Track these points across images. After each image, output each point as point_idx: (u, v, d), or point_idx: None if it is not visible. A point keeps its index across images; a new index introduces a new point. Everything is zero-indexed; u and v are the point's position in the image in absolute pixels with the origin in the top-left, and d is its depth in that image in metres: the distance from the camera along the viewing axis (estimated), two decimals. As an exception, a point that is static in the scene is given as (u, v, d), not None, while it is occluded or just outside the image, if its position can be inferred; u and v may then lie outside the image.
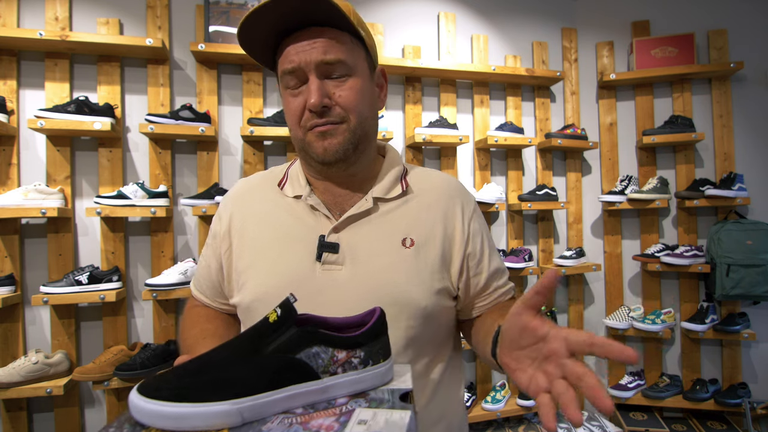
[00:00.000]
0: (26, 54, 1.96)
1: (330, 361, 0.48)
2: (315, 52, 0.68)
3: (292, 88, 0.71)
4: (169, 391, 0.42)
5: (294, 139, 0.75)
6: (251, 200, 0.82)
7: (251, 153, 2.19)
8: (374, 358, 0.51)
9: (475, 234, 0.80)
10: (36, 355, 1.80)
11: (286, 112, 0.75)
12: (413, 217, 0.77)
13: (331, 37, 0.69)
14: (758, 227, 2.30)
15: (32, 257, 1.95)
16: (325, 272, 0.72)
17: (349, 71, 0.70)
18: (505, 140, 2.34)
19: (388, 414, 0.44)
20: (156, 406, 0.41)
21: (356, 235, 0.74)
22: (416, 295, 0.72)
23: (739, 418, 2.38)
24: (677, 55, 2.51)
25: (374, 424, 0.41)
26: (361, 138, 0.73)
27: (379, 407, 0.46)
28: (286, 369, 0.46)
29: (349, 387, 0.49)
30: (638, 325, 2.40)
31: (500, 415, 2.28)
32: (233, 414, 0.42)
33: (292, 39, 0.69)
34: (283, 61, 0.70)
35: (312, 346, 0.47)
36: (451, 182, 0.84)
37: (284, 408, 0.45)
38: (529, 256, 2.39)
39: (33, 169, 1.96)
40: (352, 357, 0.49)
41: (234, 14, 2.15)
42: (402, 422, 0.42)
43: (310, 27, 0.69)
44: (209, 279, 0.85)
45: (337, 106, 0.70)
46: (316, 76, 0.68)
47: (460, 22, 2.51)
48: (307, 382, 0.46)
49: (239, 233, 0.79)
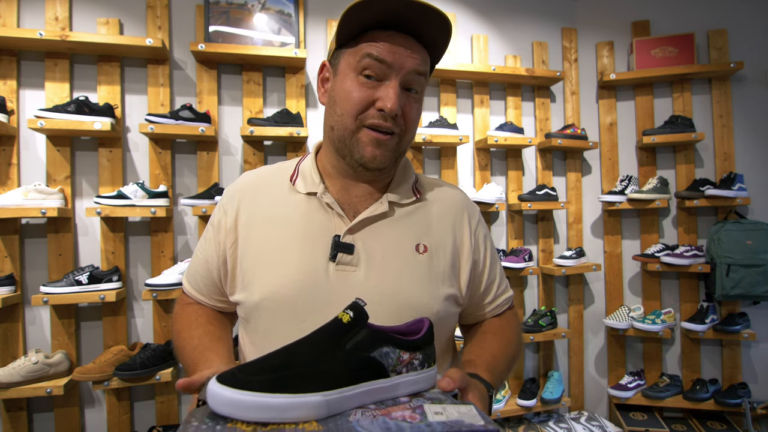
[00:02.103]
0: (26, 54, 1.96)
1: (397, 361, 0.52)
2: (411, 60, 0.69)
3: (365, 78, 0.69)
4: (260, 382, 0.42)
5: (338, 126, 0.72)
6: (260, 194, 0.79)
7: (251, 153, 2.19)
8: (428, 362, 0.56)
9: (479, 244, 0.83)
10: (36, 355, 1.80)
11: (344, 96, 0.71)
12: (426, 225, 0.78)
13: (423, 55, 0.72)
14: (758, 227, 2.30)
15: (32, 257, 1.95)
16: (339, 273, 0.71)
17: (422, 90, 0.74)
18: (505, 140, 2.34)
19: (455, 408, 0.47)
20: (248, 396, 0.40)
21: (371, 237, 0.74)
22: (429, 300, 0.73)
23: (739, 418, 2.38)
24: (677, 55, 2.51)
25: (449, 414, 0.45)
26: (403, 153, 0.77)
27: (443, 404, 0.49)
28: (364, 366, 0.49)
29: (410, 387, 0.53)
30: (638, 325, 2.40)
31: (500, 415, 2.28)
32: (322, 406, 0.43)
33: (389, 35, 0.69)
34: (374, 47, 0.68)
35: (383, 346, 0.51)
36: (459, 194, 0.87)
37: (360, 403, 0.48)
38: (529, 256, 2.39)
39: (33, 169, 1.96)
40: (414, 359, 0.54)
41: (234, 14, 2.15)
42: (472, 412, 0.46)
43: (408, 36, 0.70)
44: (206, 274, 0.81)
45: (401, 119, 0.72)
46: (398, 83, 0.69)
47: (460, 22, 2.51)
48: (380, 379, 0.50)
49: (247, 227, 0.77)
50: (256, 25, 2.17)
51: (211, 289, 0.82)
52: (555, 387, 2.38)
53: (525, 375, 2.52)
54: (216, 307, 0.85)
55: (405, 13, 0.66)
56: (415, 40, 0.70)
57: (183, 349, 0.77)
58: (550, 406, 2.34)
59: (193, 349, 0.74)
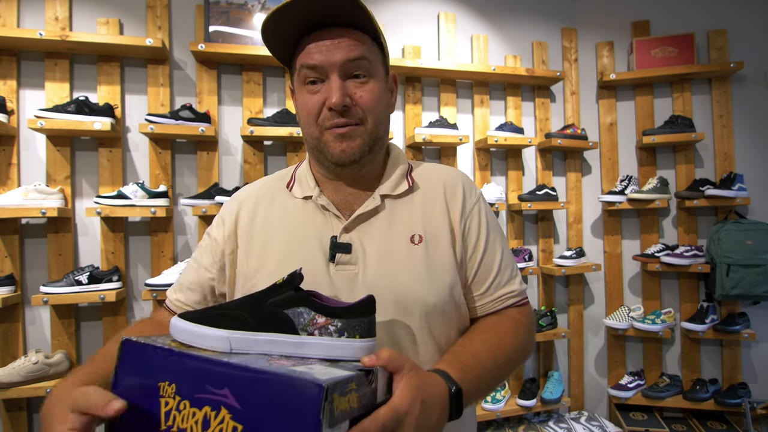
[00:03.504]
0: (26, 54, 1.96)
1: (309, 323, 0.56)
2: (339, 51, 0.69)
3: (309, 85, 0.71)
4: (194, 317, 0.57)
5: (308, 136, 0.75)
6: (259, 202, 0.81)
7: (251, 153, 2.19)
8: (350, 332, 0.56)
9: (473, 226, 0.78)
10: (36, 355, 1.80)
11: (301, 109, 0.74)
12: (419, 213, 0.77)
13: (354, 37, 0.70)
14: (758, 227, 2.30)
15: (32, 257, 1.95)
16: (340, 272, 0.72)
17: (369, 72, 0.72)
18: (505, 140, 2.34)
19: (333, 370, 0.49)
20: (181, 323, 0.56)
21: (366, 233, 0.74)
22: (430, 291, 0.72)
23: (739, 418, 2.38)
24: (677, 55, 2.51)
25: (315, 371, 0.47)
26: (376, 140, 0.74)
27: (333, 368, 0.50)
28: (273, 319, 0.56)
29: (322, 350, 0.55)
30: (638, 325, 2.40)
31: (500, 415, 2.28)
32: (225, 339, 0.54)
33: (314, 37, 0.70)
34: (303, 57, 0.70)
35: (299, 306, 0.56)
36: (451, 173, 0.83)
37: (265, 351, 0.55)
38: (529, 256, 2.39)
39: (33, 169, 1.96)
40: (330, 324, 0.56)
41: (234, 14, 2.15)
42: (333, 375, 0.47)
43: (332, 27, 0.70)
44: (196, 284, 0.79)
45: (356, 107, 0.71)
46: (338, 76, 0.69)
47: (460, 22, 2.51)
48: (286, 334, 0.56)
49: (247, 235, 0.77)
50: (256, 25, 2.17)
51: (194, 297, 0.80)
52: (555, 387, 2.38)
53: (525, 375, 2.52)
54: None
55: (315, 9, 0.66)
56: (340, 27, 0.70)
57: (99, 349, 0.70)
58: (550, 406, 2.34)
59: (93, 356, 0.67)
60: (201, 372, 0.49)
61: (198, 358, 0.51)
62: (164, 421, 0.50)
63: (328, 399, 0.43)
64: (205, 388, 0.48)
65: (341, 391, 0.45)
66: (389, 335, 0.71)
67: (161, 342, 0.55)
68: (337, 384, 0.45)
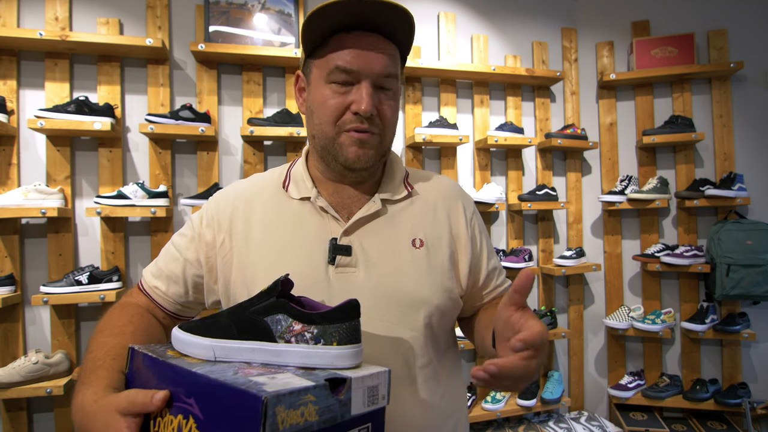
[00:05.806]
0: (26, 54, 1.96)
1: (286, 330, 0.55)
2: (378, 63, 0.69)
3: (337, 85, 0.70)
4: (188, 326, 0.59)
5: (319, 134, 0.74)
6: (254, 202, 0.79)
7: (251, 153, 2.19)
8: (326, 339, 0.55)
9: (476, 234, 0.83)
10: (36, 355, 1.80)
11: (319, 105, 0.72)
12: (420, 218, 0.79)
13: (390, 52, 0.71)
14: (758, 227, 2.30)
15: (32, 257, 1.95)
16: (339, 275, 0.72)
17: (395, 89, 0.73)
18: (505, 140, 2.34)
19: (294, 381, 0.48)
20: (177, 332, 0.59)
21: (367, 237, 0.75)
22: (430, 294, 0.74)
23: (739, 418, 2.38)
24: (677, 55, 2.51)
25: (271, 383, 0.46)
26: (386, 151, 0.77)
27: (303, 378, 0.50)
28: (253, 327, 0.56)
29: (299, 358, 0.55)
30: (638, 325, 2.40)
31: (500, 415, 2.28)
32: (209, 348, 0.56)
33: (353, 39, 0.69)
34: (340, 57, 0.69)
35: (278, 313, 0.56)
36: (451, 184, 0.88)
37: (247, 359, 0.55)
38: (529, 256, 2.39)
39: (33, 169, 1.96)
40: (305, 331, 0.55)
41: (234, 14, 2.15)
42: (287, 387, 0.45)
43: (372, 32, 0.70)
44: (179, 277, 0.78)
45: (377, 118, 0.72)
46: (370, 84, 0.70)
47: (460, 22, 2.51)
48: (264, 342, 0.55)
49: (243, 236, 0.76)
50: (256, 25, 2.17)
51: (178, 294, 0.79)
52: (555, 387, 2.38)
53: (525, 375, 2.52)
54: (168, 311, 0.80)
55: (366, 12, 0.66)
56: (382, 36, 0.70)
57: (90, 352, 0.68)
58: (550, 406, 2.34)
59: (95, 360, 0.65)
60: (176, 381, 0.51)
61: (174, 367, 0.52)
62: (152, 427, 0.52)
63: (269, 413, 0.42)
64: (179, 397, 0.50)
65: (290, 403, 0.44)
66: (392, 336, 0.71)
67: (160, 351, 0.58)
68: (283, 396, 0.43)
